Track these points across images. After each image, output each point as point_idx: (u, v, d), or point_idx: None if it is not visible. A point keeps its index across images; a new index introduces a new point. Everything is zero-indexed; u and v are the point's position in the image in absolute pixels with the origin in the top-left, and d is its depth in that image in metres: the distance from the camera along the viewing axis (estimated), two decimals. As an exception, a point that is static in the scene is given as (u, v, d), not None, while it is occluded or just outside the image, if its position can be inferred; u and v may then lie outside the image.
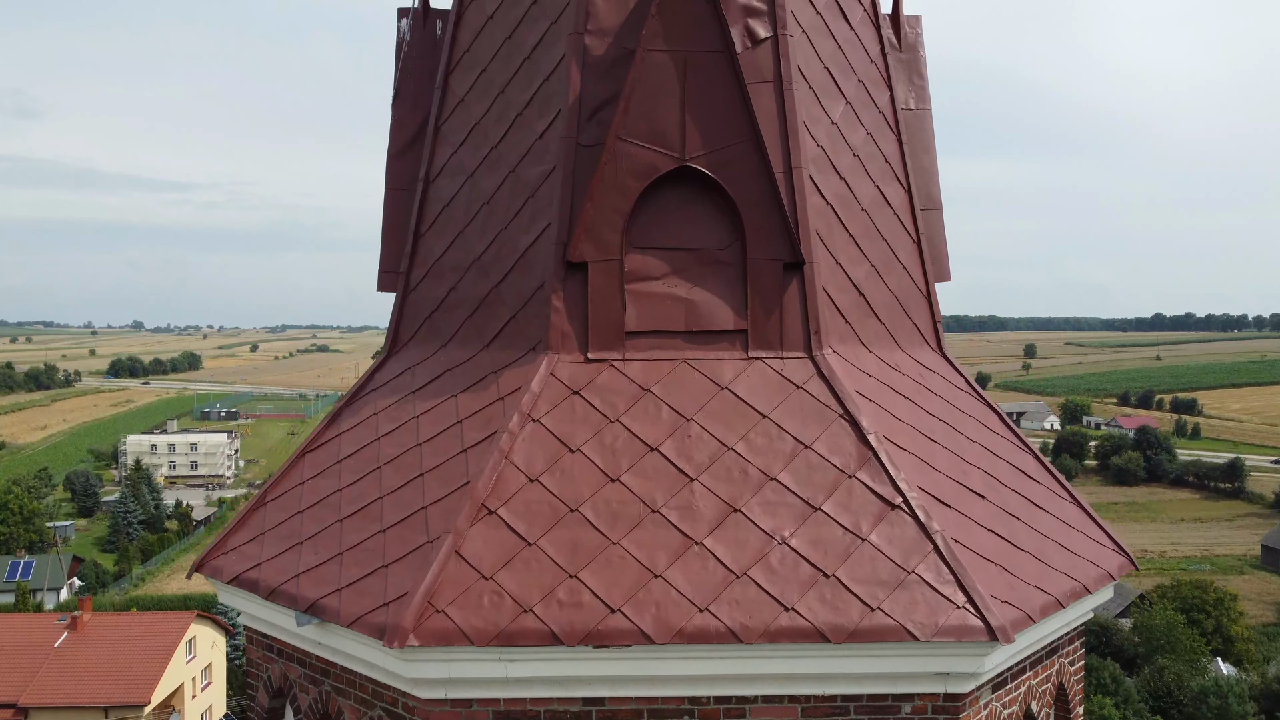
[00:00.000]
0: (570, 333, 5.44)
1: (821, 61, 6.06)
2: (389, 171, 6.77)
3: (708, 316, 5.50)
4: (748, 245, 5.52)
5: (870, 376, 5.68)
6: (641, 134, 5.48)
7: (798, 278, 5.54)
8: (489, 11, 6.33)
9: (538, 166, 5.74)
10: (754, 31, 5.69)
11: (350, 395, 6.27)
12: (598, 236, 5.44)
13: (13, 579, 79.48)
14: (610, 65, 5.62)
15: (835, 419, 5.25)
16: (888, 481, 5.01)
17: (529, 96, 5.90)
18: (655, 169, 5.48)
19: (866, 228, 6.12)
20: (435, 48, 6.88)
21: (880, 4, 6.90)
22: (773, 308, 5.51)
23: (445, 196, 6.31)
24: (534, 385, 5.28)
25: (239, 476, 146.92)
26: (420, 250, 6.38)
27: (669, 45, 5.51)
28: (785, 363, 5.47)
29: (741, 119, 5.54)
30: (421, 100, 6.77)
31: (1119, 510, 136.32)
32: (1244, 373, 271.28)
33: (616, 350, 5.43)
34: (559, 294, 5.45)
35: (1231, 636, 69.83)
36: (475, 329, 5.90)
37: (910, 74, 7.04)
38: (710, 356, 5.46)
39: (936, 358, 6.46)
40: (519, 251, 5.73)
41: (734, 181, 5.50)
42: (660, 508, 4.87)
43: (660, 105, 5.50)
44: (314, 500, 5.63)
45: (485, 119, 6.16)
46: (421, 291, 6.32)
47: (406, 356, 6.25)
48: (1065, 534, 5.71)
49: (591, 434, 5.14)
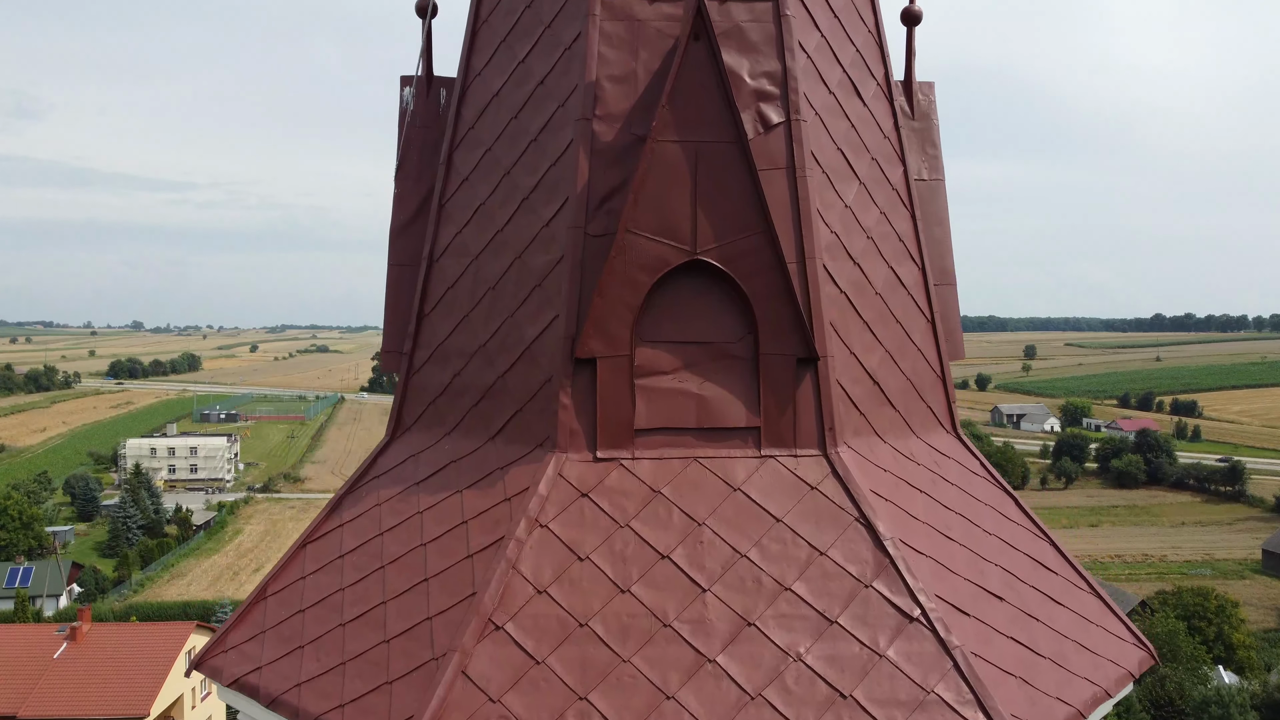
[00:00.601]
0: (578, 430, 5.31)
1: (835, 143, 5.93)
2: (392, 247, 6.63)
3: (719, 413, 5.36)
4: (760, 340, 5.39)
5: (885, 471, 5.55)
6: (652, 226, 5.35)
7: (811, 373, 5.41)
8: (494, 89, 6.20)
9: (545, 255, 5.61)
10: (766, 117, 5.56)
11: (353, 481, 6.13)
12: (607, 332, 5.31)
13: (12, 585, 79.41)
14: (619, 152, 5.49)
15: (851, 523, 5.12)
16: (905, 591, 4.88)
17: (535, 181, 5.77)
18: (666, 262, 5.35)
19: (881, 312, 5.99)
20: (439, 117, 6.74)
21: (892, 72, 6.76)
22: (786, 404, 5.38)
23: (449, 277, 6.18)
24: (541, 487, 5.15)
25: (238, 480, 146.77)
26: (424, 331, 6.25)
27: (680, 136, 5.38)
28: (799, 461, 5.33)
29: (754, 209, 5.40)
30: (425, 173, 6.64)
31: (1119, 514, 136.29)
32: (1244, 374, 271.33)
33: (626, 449, 5.30)
34: (567, 390, 5.31)
35: (1233, 644, 69.69)
36: (480, 419, 5.76)
37: (923, 143, 6.91)
38: (722, 455, 5.32)
39: (951, 441, 6.32)
40: (525, 342, 5.60)
41: (746, 275, 5.37)
42: (672, 621, 4.74)
43: (671, 197, 5.37)
44: (316, 599, 5.50)
45: (490, 200, 6.02)
46: (425, 375, 6.18)
47: (410, 442, 6.11)
48: (1084, 631, 5.58)
49: (601, 540, 5.00)
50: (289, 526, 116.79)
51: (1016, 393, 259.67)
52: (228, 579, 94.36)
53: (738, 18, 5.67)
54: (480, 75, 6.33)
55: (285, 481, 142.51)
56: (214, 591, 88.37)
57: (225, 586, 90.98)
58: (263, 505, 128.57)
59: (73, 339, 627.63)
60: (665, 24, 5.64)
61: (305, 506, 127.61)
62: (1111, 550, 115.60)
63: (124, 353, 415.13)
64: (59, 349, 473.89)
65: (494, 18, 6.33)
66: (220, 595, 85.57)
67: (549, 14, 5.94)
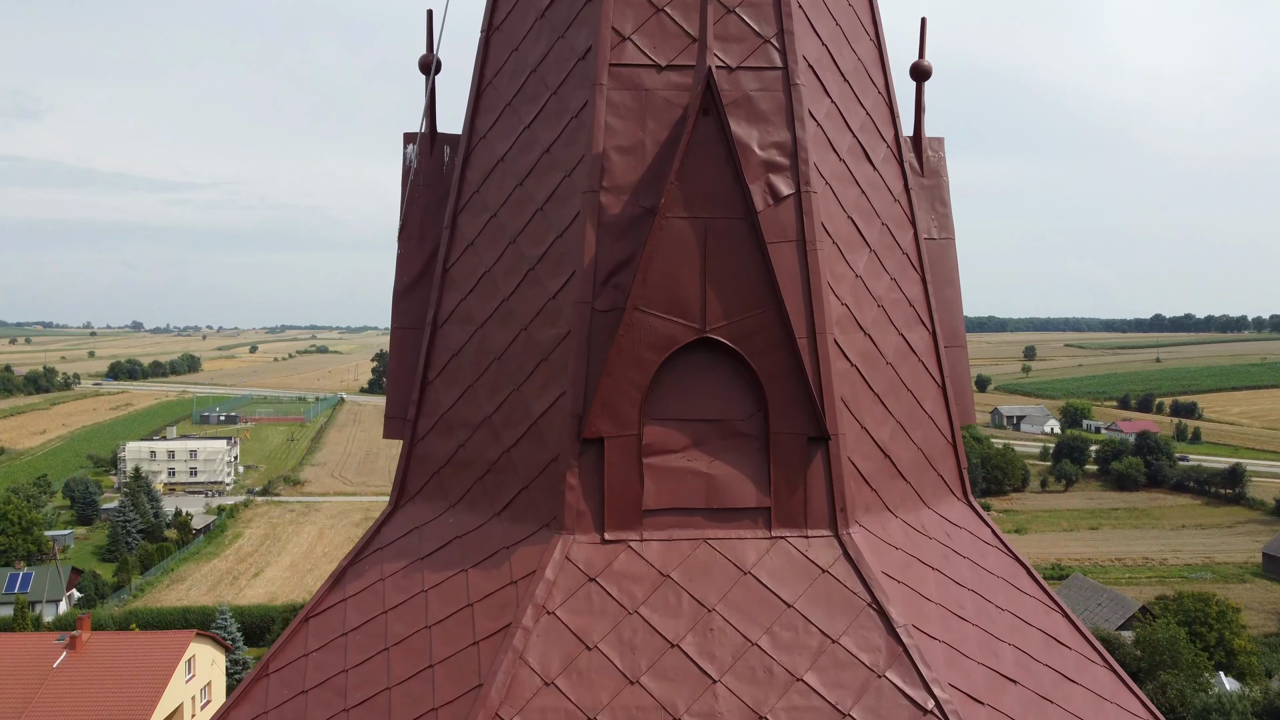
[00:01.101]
0: (586, 511, 5.22)
1: (845, 212, 5.85)
2: (395, 309, 6.55)
3: (729, 493, 5.28)
4: (770, 418, 5.30)
5: (897, 550, 5.47)
6: (660, 304, 5.26)
7: (822, 451, 5.33)
8: (499, 153, 6.11)
9: (551, 329, 5.52)
10: (776, 189, 5.48)
11: (356, 552, 6.05)
12: (614, 411, 5.22)
13: (11, 591, 79.28)
14: (627, 225, 5.41)
15: (863, 608, 5.03)
16: (919, 682, 4.80)
17: (541, 251, 5.68)
18: (675, 340, 5.27)
19: (892, 383, 5.91)
20: (443, 175, 6.66)
21: (901, 131, 6.67)
22: (797, 484, 5.29)
23: (454, 345, 6.09)
24: (548, 572, 5.06)
25: (238, 482, 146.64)
26: (428, 399, 6.16)
27: (689, 212, 5.30)
28: (810, 542, 5.25)
29: (764, 285, 5.32)
30: (428, 233, 6.56)
31: (1119, 516, 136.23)
32: (1244, 376, 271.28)
33: (634, 530, 5.21)
34: (574, 470, 5.23)
35: (1234, 650, 69.62)
36: (485, 494, 5.68)
37: (933, 201, 6.83)
38: (732, 536, 5.24)
39: (962, 509, 6.24)
40: (532, 417, 5.51)
41: (756, 353, 5.29)
42: (682, 715, 4.66)
43: (680, 273, 5.29)
44: (319, 679, 5.41)
45: (496, 268, 5.94)
46: (429, 444, 6.10)
47: (414, 513, 6.03)
48: (1099, 710, 5.50)
49: (609, 628, 4.92)
50: (289, 530, 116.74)
51: (1016, 394, 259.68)
52: (227, 584, 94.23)
53: (747, 87, 5.59)
54: (485, 138, 6.25)
55: (285, 484, 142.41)
56: (214, 596, 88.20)
57: (225, 591, 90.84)
58: (262, 509, 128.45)
59: (72, 340, 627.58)
60: (673, 93, 5.55)
61: (305, 510, 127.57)
62: (1112, 554, 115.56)
63: (123, 354, 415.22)
64: (58, 350, 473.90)
65: (499, 80, 6.25)
66: (220, 600, 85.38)
67: (555, 80, 5.85)
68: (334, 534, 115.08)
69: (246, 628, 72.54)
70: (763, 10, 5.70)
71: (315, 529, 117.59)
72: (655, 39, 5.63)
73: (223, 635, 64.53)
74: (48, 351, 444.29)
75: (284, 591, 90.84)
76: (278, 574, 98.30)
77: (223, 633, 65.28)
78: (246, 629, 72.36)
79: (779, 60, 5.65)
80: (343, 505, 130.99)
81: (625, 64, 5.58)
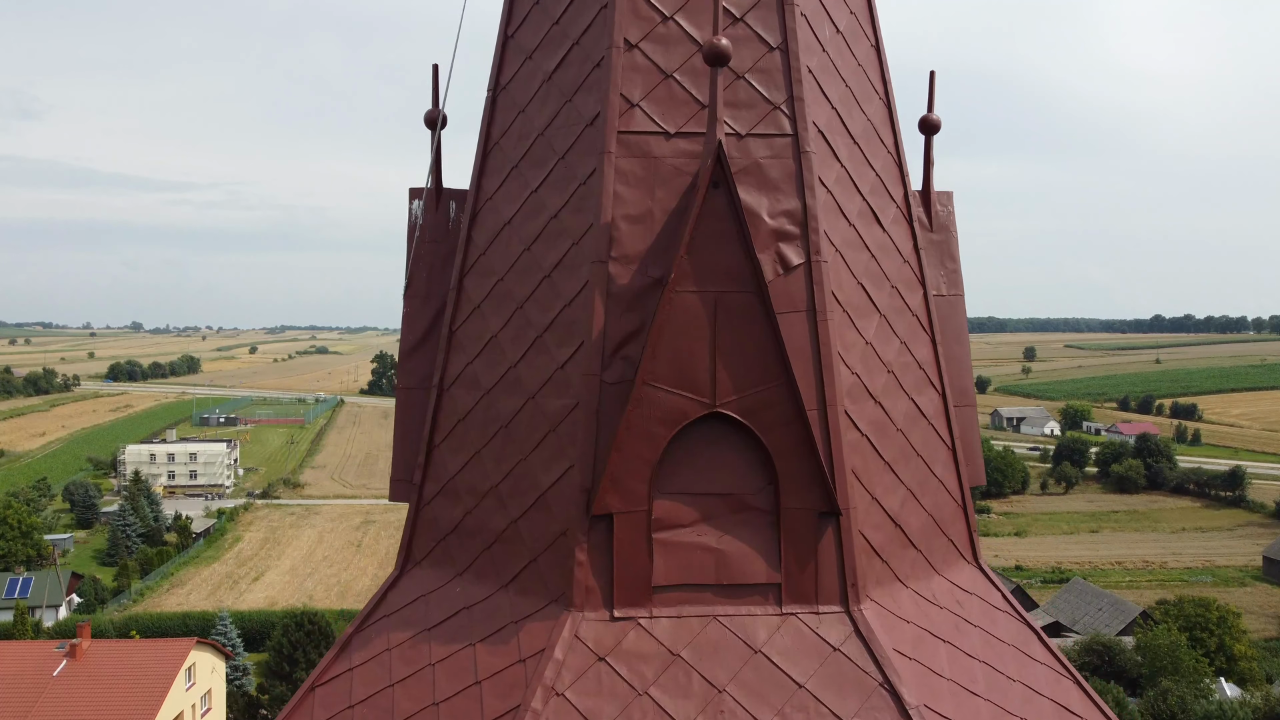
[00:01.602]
0: (595, 587, 5.18)
1: (855, 278, 5.80)
2: (401, 369, 6.50)
3: (739, 569, 5.24)
4: (781, 493, 5.26)
5: (909, 623, 5.42)
6: (670, 379, 5.21)
7: (833, 525, 5.28)
8: (505, 216, 6.06)
9: (558, 399, 5.48)
10: (786, 258, 5.43)
11: (362, 618, 6.00)
12: (624, 487, 5.18)
13: (11, 596, 79.24)
14: (636, 296, 5.36)
15: (875, 688, 4.99)
16: (932, 766, 4.75)
17: (549, 319, 5.64)
18: (685, 415, 5.22)
19: (903, 449, 5.86)
20: (449, 231, 6.62)
21: (910, 188, 6.63)
22: (807, 560, 5.25)
23: (460, 409, 6.05)
24: (557, 651, 5.01)
25: (238, 485, 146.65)
26: (434, 463, 6.12)
27: (699, 286, 5.25)
28: (821, 619, 5.20)
29: (773, 358, 5.27)
30: (434, 291, 6.51)
31: (1119, 519, 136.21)
32: (1244, 377, 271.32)
33: (644, 607, 5.17)
34: (583, 546, 5.18)
35: (1235, 655, 69.58)
36: (492, 564, 5.63)
37: (942, 256, 6.78)
38: (742, 612, 5.19)
39: (973, 573, 6.20)
40: (540, 488, 5.47)
41: (767, 427, 5.24)
42: (693, 802, 4.61)
43: (689, 348, 5.24)
44: (325, 755, 5.37)
45: (503, 334, 5.89)
46: (436, 509, 6.05)
47: (420, 579, 5.98)
48: (1112, 784, 5.45)
49: (619, 710, 4.87)
50: (289, 533, 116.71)
51: (1016, 395, 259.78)
52: (227, 588, 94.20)
53: (756, 154, 5.55)
54: (491, 200, 6.20)
55: (285, 487, 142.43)
56: (213, 601, 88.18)
57: (225, 595, 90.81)
58: (262, 512, 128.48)
59: (72, 340, 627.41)
60: (682, 161, 5.51)
61: (305, 513, 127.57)
62: (1112, 557, 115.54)
63: (123, 354, 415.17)
64: (58, 350, 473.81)
65: (505, 141, 6.20)
66: (220, 605, 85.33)
67: (562, 145, 5.80)
68: (334, 537, 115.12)
69: (247, 633, 72.57)
70: (772, 76, 5.66)
71: (315, 532, 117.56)
72: (664, 106, 5.58)
73: (223, 642, 64.50)
74: (47, 352, 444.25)
75: (284, 596, 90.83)
76: (278, 578, 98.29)
77: (223, 639, 65.24)
78: (247, 634, 72.38)
79: (789, 127, 5.61)
80: (343, 508, 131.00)
81: (633, 131, 5.54)
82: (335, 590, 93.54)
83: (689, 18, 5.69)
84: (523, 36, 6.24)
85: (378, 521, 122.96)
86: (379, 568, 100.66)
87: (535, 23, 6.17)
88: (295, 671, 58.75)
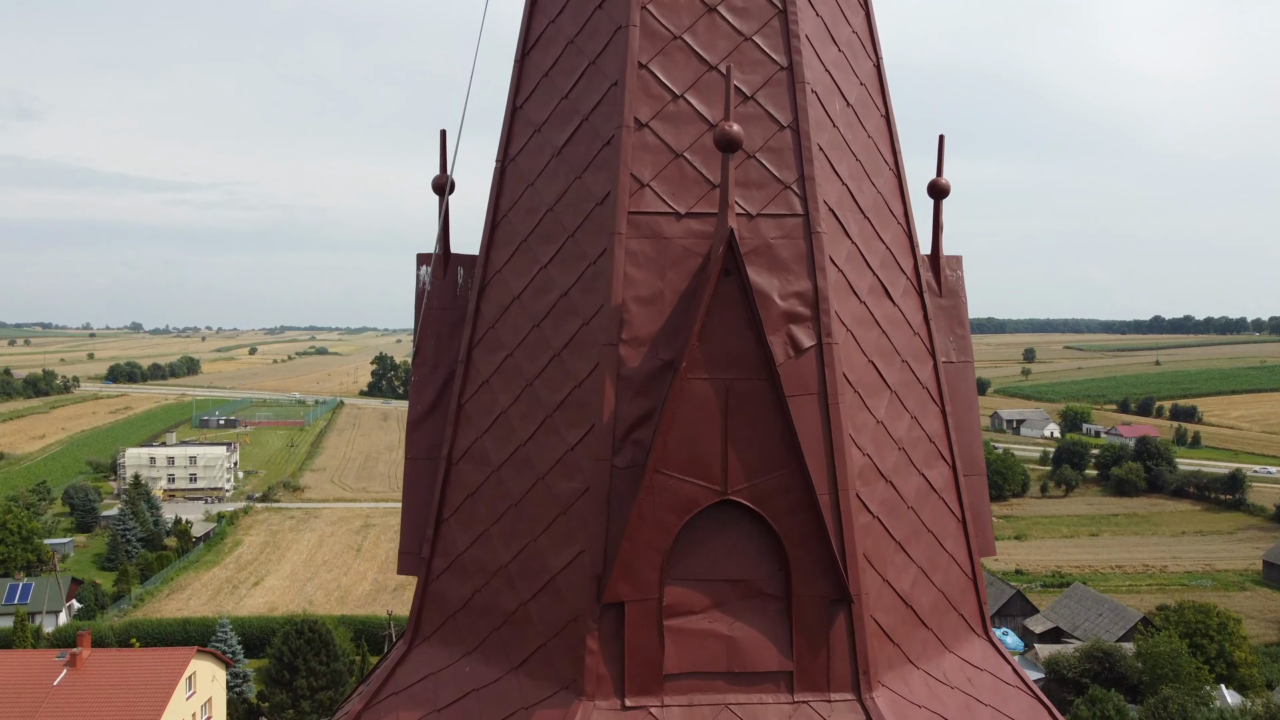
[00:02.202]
0: (605, 675, 5.15)
1: (866, 356, 5.78)
2: (409, 438, 6.48)
3: (751, 656, 5.21)
4: (793, 580, 5.24)
5: (920, 708, 5.40)
6: (681, 466, 5.19)
7: (845, 612, 5.26)
8: (514, 291, 6.04)
9: (568, 482, 5.45)
10: (797, 341, 5.41)
11: (371, 694, 5.97)
12: (635, 575, 5.15)
13: (11, 602, 79.23)
14: (646, 379, 5.34)
15: (888, 780, 4.96)
16: None
17: (559, 399, 5.61)
18: (696, 503, 5.20)
19: (914, 527, 5.84)
20: (457, 297, 6.59)
21: (920, 256, 6.60)
22: (819, 647, 5.23)
23: (469, 484, 6.02)
24: (569, 743, 4.99)
25: (238, 488, 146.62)
26: (442, 538, 6.09)
27: (710, 373, 5.22)
28: (833, 707, 5.18)
29: (785, 444, 5.25)
30: (443, 359, 6.49)
31: (1119, 522, 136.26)
32: (1243, 379, 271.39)
33: (655, 695, 5.15)
34: (594, 634, 5.16)
35: (1235, 662, 69.59)
36: (502, 645, 5.61)
37: (951, 322, 6.76)
38: (754, 701, 5.17)
39: (983, 647, 6.17)
40: (549, 572, 5.45)
41: (778, 515, 5.22)
42: None
43: (701, 435, 5.21)
44: (335, 840, 5.34)
45: (512, 410, 5.87)
46: (444, 584, 6.02)
47: (429, 657, 5.95)
48: None
49: (631, 804, 4.85)
50: (289, 537, 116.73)
51: (1016, 397, 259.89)
52: (227, 593, 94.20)
53: (767, 234, 5.53)
54: (500, 273, 6.17)
55: (285, 490, 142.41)
56: (213, 606, 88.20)
57: (225, 600, 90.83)
58: (262, 515, 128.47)
59: (71, 341, 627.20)
60: (693, 241, 5.49)
61: (305, 516, 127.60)
62: (1112, 561, 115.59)
63: (123, 355, 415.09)
64: (57, 352, 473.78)
65: (514, 214, 6.18)
66: (220, 610, 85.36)
67: (571, 222, 5.78)
68: (334, 541, 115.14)
69: (247, 639, 72.55)
70: (783, 155, 5.64)
71: (315, 536, 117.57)
72: (674, 186, 5.56)
73: (223, 649, 64.50)
74: (47, 354, 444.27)
75: (284, 601, 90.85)
76: (278, 582, 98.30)
77: (223, 646, 65.27)
78: (247, 640, 72.37)
79: (799, 207, 5.59)
80: (342, 512, 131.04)
81: (644, 212, 5.52)
82: (335, 595, 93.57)
83: (700, 96, 5.67)
84: (531, 109, 6.21)
85: (377, 525, 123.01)
86: (379, 572, 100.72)
87: (544, 96, 6.15)
88: (295, 679, 58.79)
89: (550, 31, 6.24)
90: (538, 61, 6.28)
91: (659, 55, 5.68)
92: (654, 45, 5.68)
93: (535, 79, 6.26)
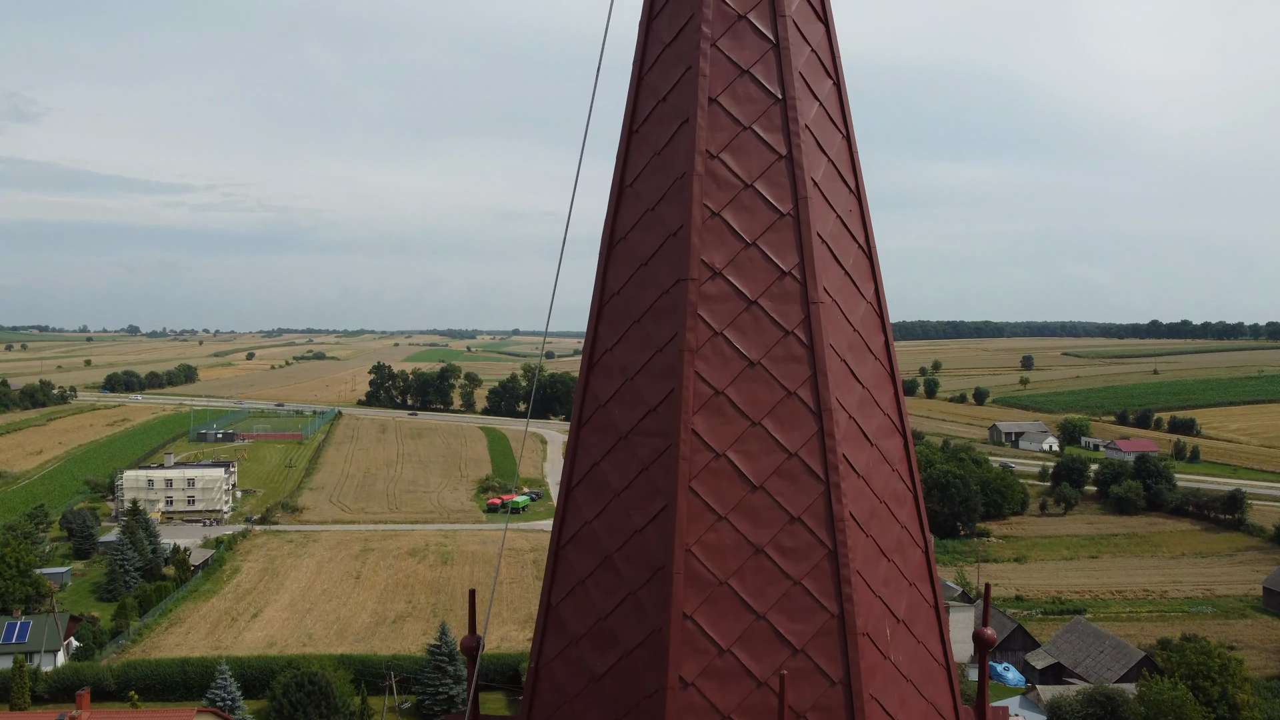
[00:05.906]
0: None
1: None
2: None
3: None
4: None
5: None
6: None
7: None
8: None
9: None
10: None
11: None
12: None
13: (9, 641, 78.86)
14: None
15: None
16: None
17: None
18: None
19: None
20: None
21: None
22: None
23: None
24: None
25: (236, 509, 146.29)
26: None
27: None
28: None
29: None
30: None
31: (1119, 542, 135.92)
32: (1242, 389, 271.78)
33: None
34: None
35: (1238, 704, 69.41)
36: None
37: None
38: None
39: None
40: None
41: None
42: None
43: None
44: None
45: None
46: None
47: None
48: None
49: None
50: (287, 563, 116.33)
51: (1014, 408, 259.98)
52: (225, 626, 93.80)
53: None
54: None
55: (283, 511, 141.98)
56: (212, 641, 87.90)
57: (223, 635, 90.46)
58: (260, 539, 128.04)
59: (68, 345, 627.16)
60: None
61: (304, 540, 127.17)
62: (1112, 585, 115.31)
63: (120, 360, 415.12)
64: (54, 357, 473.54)
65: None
66: (218, 646, 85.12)
67: None
68: (332, 567, 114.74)
69: (246, 680, 72.18)
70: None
71: (314, 562, 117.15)
72: None
73: (222, 696, 64.26)
74: (44, 360, 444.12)
75: (283, 635, 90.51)
76: (276, 614, 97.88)
77: (222, 693, 64.98)
78: (246, 682, 72.01)
79: None
80: (341, 534, 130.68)
81: None
82: (334, 629, 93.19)
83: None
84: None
85: (376, 550, 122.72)
86: (377, 602, 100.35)
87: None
88: (295, 731, 58.47)
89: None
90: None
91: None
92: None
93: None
